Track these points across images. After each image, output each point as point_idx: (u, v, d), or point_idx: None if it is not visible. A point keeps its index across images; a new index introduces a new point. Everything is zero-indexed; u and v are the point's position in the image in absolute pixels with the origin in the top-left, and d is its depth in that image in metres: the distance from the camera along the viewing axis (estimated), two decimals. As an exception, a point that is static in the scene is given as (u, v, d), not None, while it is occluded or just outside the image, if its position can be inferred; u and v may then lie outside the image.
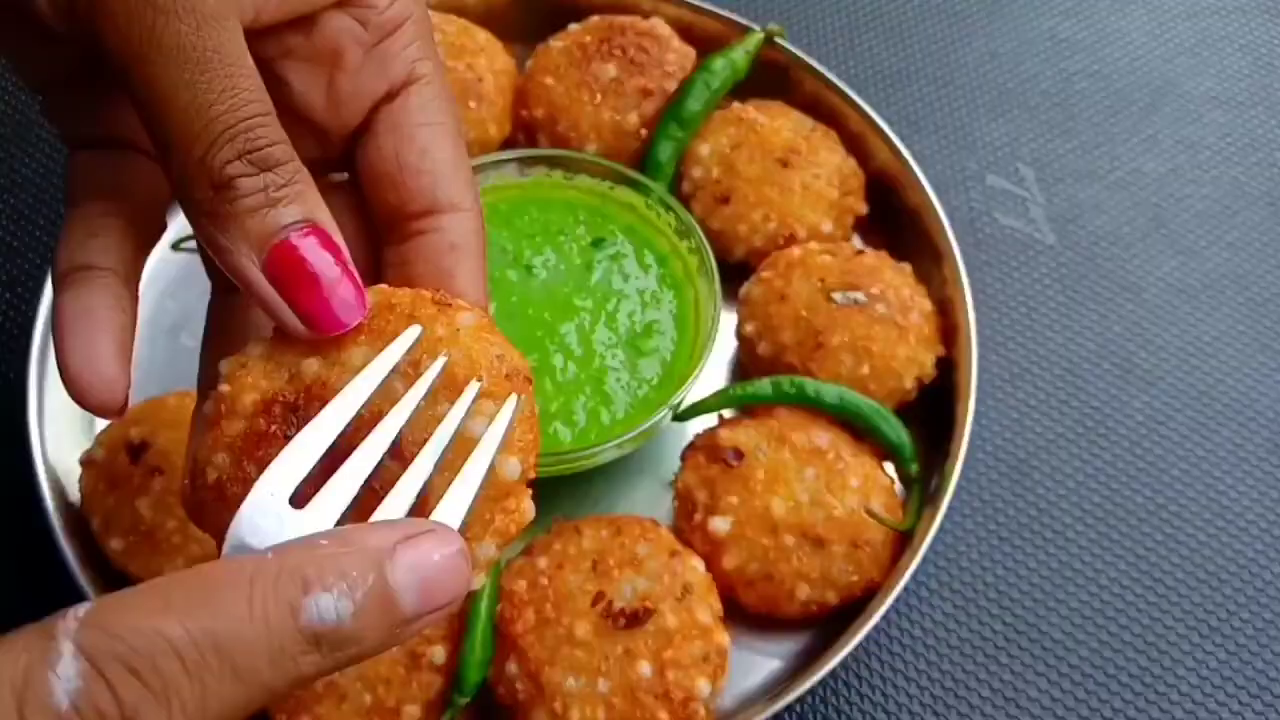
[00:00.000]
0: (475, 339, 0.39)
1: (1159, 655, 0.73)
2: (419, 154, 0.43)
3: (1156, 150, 0.98)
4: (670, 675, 0.64)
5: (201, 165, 0.36)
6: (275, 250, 0.37)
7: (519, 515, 0.38)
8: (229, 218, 0.37)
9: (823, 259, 0.79)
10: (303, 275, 0.37)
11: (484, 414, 0.38)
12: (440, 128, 0.44)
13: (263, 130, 0.37)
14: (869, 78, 1.01)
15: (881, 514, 0.70)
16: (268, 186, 0.37)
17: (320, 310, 0.38)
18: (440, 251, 0.43)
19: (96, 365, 0.40)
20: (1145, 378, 0.85)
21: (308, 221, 0.38)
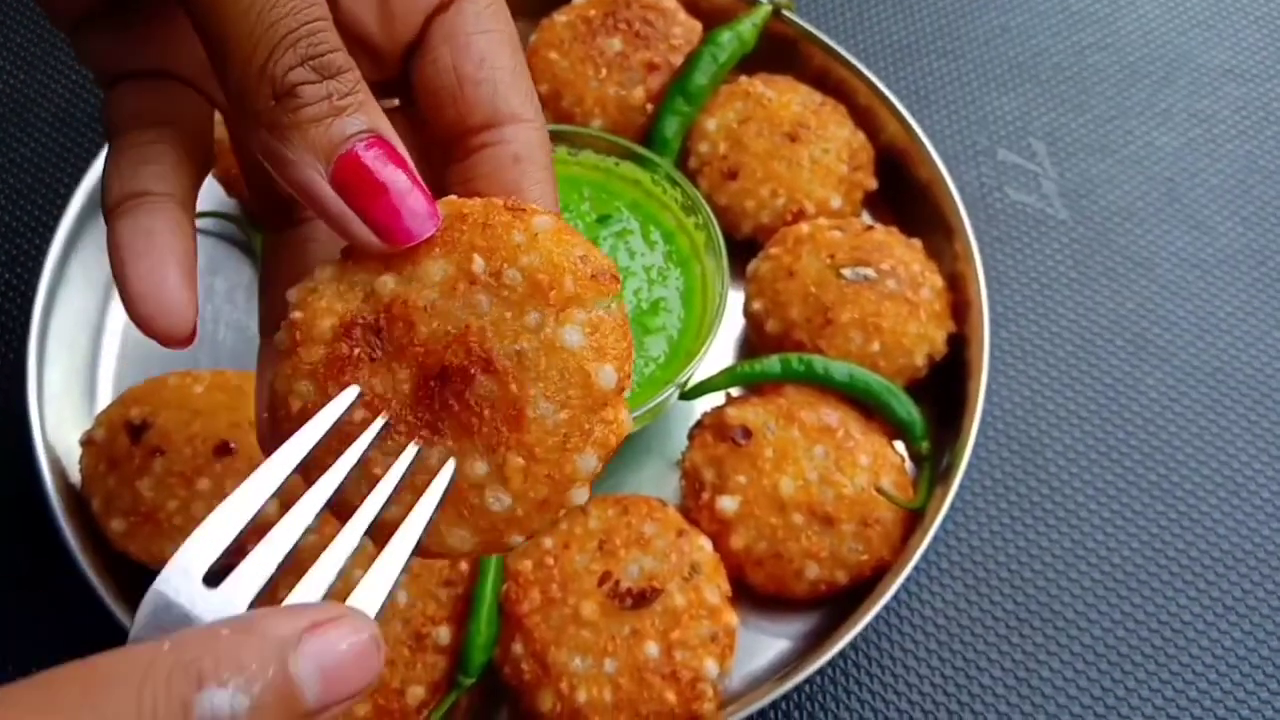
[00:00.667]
0: (556, 241, 0.37)
1: (1173, 634, 0.73)
2: (476, 63, 0.41)
3: (1170, 124, 0.96)
4: (678, 655, 0.63)
5: (262, 73, 0.35)
6: (343, 160, 0.36)
7: (618, 425, 0.37)
8: (292, 128, 0.35)
9: (832, 235, 0.78)
10: (373, 185, 0.36)
11: (574, 322, 0.36)
12: (497, 35, 0.42)
13: (325, 35, 0.35)
14: (878, 51, 1.00)
15: (892, 492, 0.69)
16: (331, 95, 0.35)
17: (393, 220, 0.36)
18: (504, 165, 0.41)
19: (161, 289, 0.38)
20: (1159, 354, 0.84)
21: (372, 131, 0.36)
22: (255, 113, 0.35)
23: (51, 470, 0.70)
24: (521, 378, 0.36)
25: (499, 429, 0.36)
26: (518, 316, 0.37)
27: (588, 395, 0.36)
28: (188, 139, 0.42)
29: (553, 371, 0.36)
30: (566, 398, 0.36)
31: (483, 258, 0.37)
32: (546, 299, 0.36)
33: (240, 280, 0.83)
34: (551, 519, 0.37)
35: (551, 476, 0.36)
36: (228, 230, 0.85)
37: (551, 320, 0.36)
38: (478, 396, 0.36)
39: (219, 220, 0.85)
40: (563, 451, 0.36)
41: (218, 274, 0.84)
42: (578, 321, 0.36)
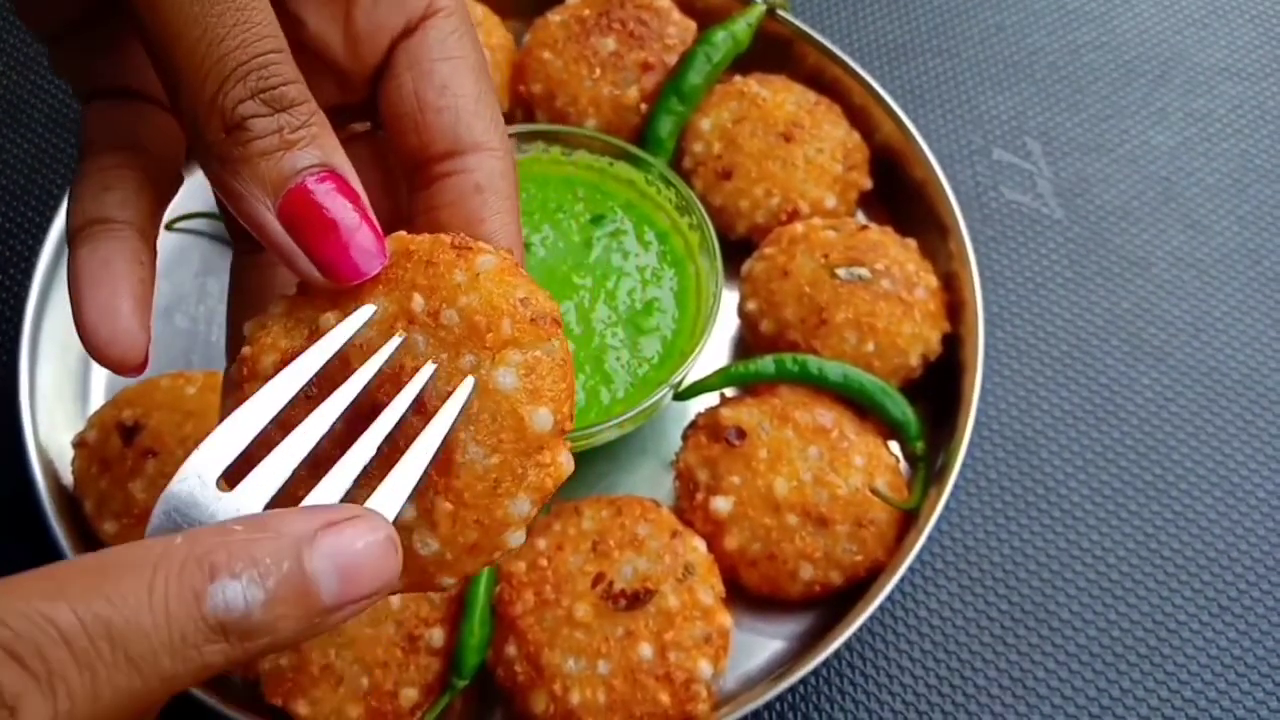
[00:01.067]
0: (497, 282, 0.37)
1: (1168, 634, 0.72)
2: (438, 90, 0.41)
3: (1166, 123, 0.96)
4: (672, 657, 0.63)
5: (212, 105, 0.34)
6: (290, 195, 0.35)
7: (554, 469, 0.36)
8: (242, 161, 0.35)
9: (826, 234, 0.77)
10: (320, 221, 0.36)
11: (509, 364, 0.36)
12: (460, 62, 0.42)
13: (276, 68, 0.35)
14: (872, 51, 1.00)
15: (886, 493, 0.69)
16: (282, 128, 0.35)
17: (338, 258, 0.36)
18: (466, 194, 0.41)
19: (115, 319, 0.38)
20: (1154, 354, 0.84)
21: (324, 165, 0.36)
22: (207, 144, 0.35)
23: (44, 472, 0.69)
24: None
25: (427, 473, 0.36)
26: (453, 359, 0.36)
27: (521, 439, 0.36)
28: (154, 163, 0.42)
29: (484, 415, 0.36)
30: (498, 441, 0.36)
31: (423, 296, 0.37)
32: (483, 341, 0.36)
33: (234, 281, 0.83)
34: (485, 561, 0.37)
35: (481, 522, 0.36)
36: (221, 231, 0.85)
37: (487, 363, 0.36)
38: (407, 438, 0.35)
39: (212, 221, 0.85)
40: (493, 497, 0.36)
41: (210, 274, 0.84)
42: (512, 364, 0.36)
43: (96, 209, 0.40)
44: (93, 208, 0.40)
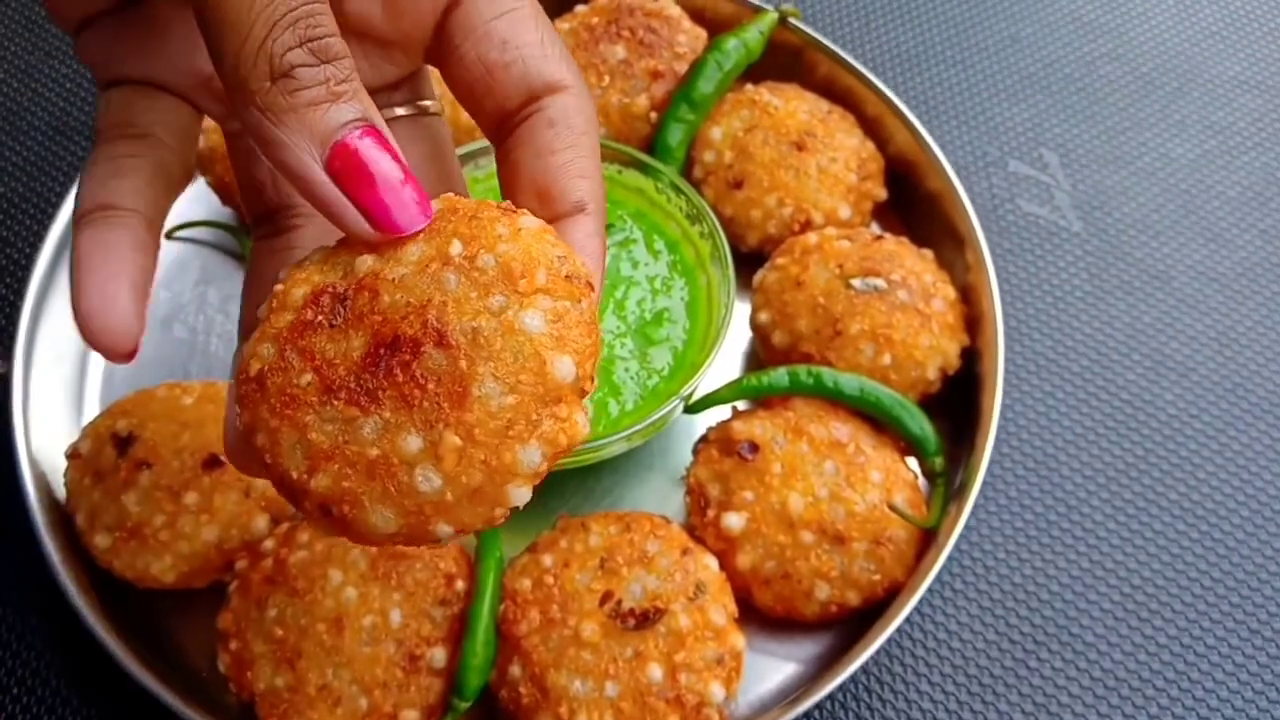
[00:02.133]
0: (537, 239, 0.36)
1: (1196, 658, 0.70)
2: (500, 47, 0.41)
3: (1185, 135, 0.94)
4: (682, 679, 0.60)
5: (260, 51, 0.34)
6: (338, 147, 0.35)
7: (570, 426, 0.35)
8: (288, 110, 0.34)
9: (840, 244, 0.75)
10: (367, 173, 0.35)
11: (537, 307, 0.35)
12: (516, 13, 0.41)
13: (323, 19, 0.35)
14: (885, 61, 0.98)
15: (905, 510, 0.66)
16: (329, 79, 0.35)
17: (387, 209, 0.36)
18: (539, 129, 0.40)
19: (112, 305, 0.38)
20: (1177, 369, 0.81)
21: (366, 120, 0.36)
22: (250, 93, 0.35)
23: (35, 484, 0.67)
24: (473, 355, 0.34)
25: (440, 405, 0.34)
26: (482, 297, 0.35)
27: (540, 383, 0.34)
28: (167, 155, 0.42)
29: (506, 353, 0.34)
30: (517, 381, 0.34)
31: (462, 243, 0.36)
32: (515, 285, 0.35)
33: (233, 291, 0.81)
34: (485, 516, 0.35)
35: (488, 463, 0.34)
36: (222, 240, 0.83)
37: (515, 304, 0.35)
38: (425, 369, 0.34)
39: (214, 230, 0.83)
40: (504, 438, 0.34)
41: (210, 284, 0.82)
42: (541, 308, 0.35)
43: (105, 195, 0.40)
44: (101, 193, 0.40)
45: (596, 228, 0.40)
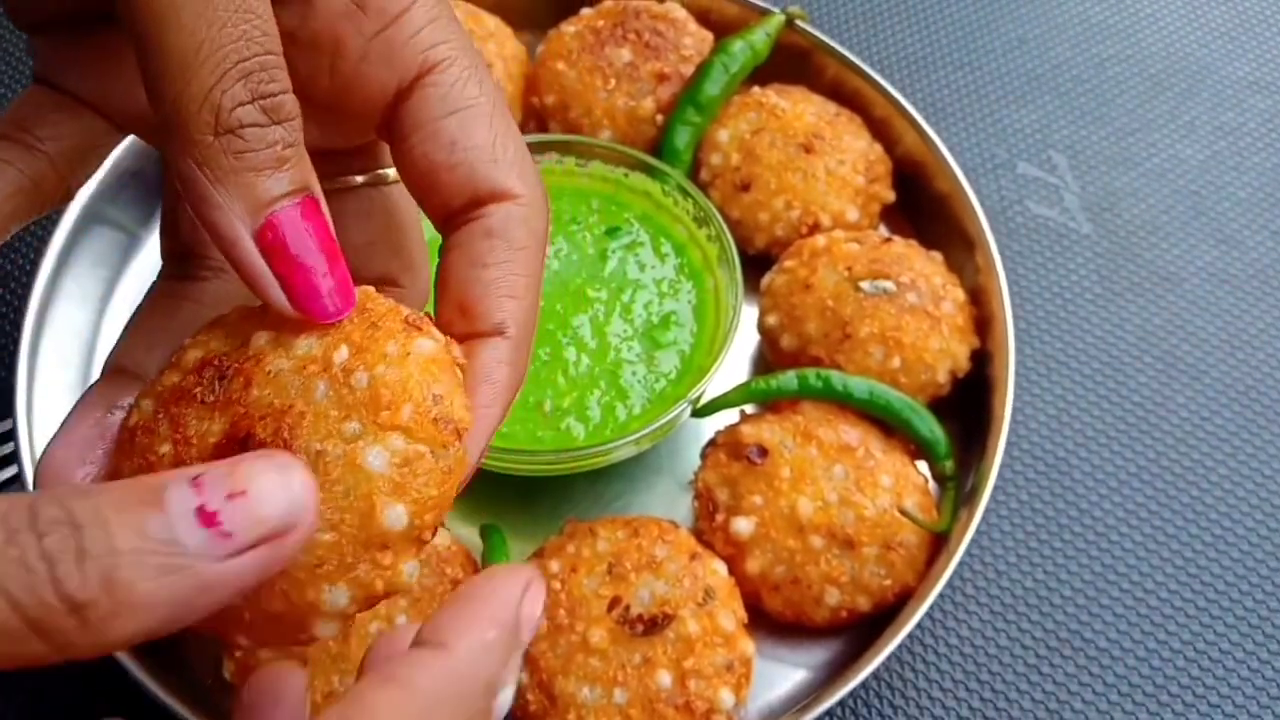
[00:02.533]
0: (422, 368, 0.34)
1: (1211, 664, 0.69)
2: (447, 148, 0.37)
3: (1194, 136, 0.94)
4: (691, 685, 0.60)
5: (206, 100, 0.30)
6: (273, 219, 0.32)
7: (392, 575, 0.33)
8: (230, 173, 0.31)
9: (849, 247, 0.75)
10: (298, 251, 0.32)
11: (385, 446, 0.32)
12: (468, 112, 0.38)
13: (279, 72, 0.32)
14: (893, 63, 0.98)
15: (916, 514, 0.66)
16: (277, 143, 0.32)
17: (311, 293, 0.33)
18: (474, 237, 0.37)
19: None
20: (1189, 371, 0.81)
21: (306, 191, 0.33)
22: (189, 143, 0.31)
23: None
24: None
25: None
26: (341, 419, 0.33)
27: (364, 529, 0.32)
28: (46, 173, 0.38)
29: (340, 487, 0.32)
30: (340, 520, 0.32)
31: (349, 350, 0.34)
32: (376, 415, 0.33)
33: (238, 296, 0.81)
34: (290, 640, 0.33)
35: (288, 594, 0.32)
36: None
37: (368, 436, 0.33)
38: None
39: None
40: (310, 572, 0.32)
41: (215, 289, 0.81)
42: (390, 447, 0.33)
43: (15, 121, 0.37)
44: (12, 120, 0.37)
45: (511, 355, 0.37)
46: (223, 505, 0.27)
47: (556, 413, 0.69)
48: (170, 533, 0.27)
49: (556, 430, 0.68)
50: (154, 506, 0.27)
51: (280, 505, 0.28)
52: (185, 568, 0.27)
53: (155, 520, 0.27)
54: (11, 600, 0.25)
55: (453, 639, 0.32)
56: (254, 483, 0.28)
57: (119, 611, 0.26)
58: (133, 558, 0.26)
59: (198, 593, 0.27)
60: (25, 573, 0.25)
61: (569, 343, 0.71)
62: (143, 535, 0.26)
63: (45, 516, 0.26)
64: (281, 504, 0.28)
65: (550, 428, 0.68)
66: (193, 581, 0.27)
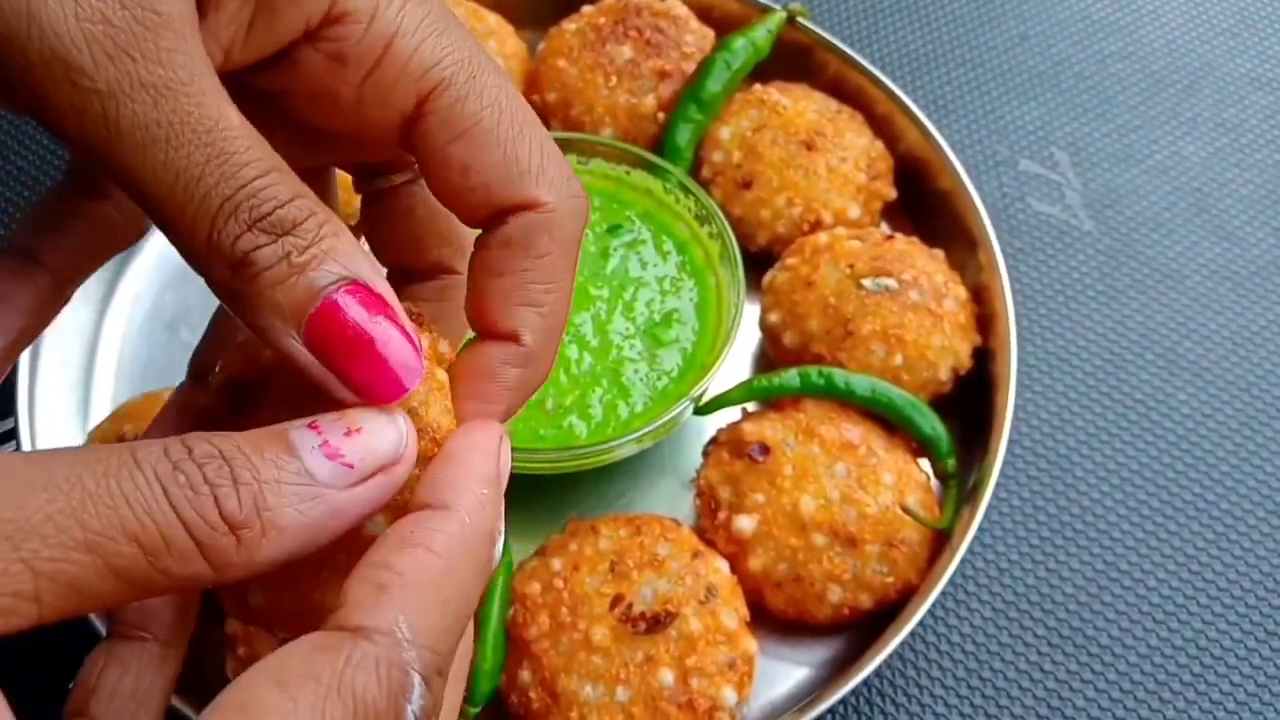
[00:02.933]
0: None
1: (1213, 661, 0.69)
2: (460, 174, 0.37)
3: (1197, 133, 0.94)
4: (694, 683, 0.60)
5: (211, 247, 0.31)
6: (312, 320, 0.32)
7: None
8: (254, 295, 0.32)
9: (851, 244, 0.75)
10: (348, 341, 0.32)
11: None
12: (473, 132, 0.37)
13: (268, 192, 0.32)
14: (894, 60, 0.97)
15: (918, 511, 0.66)
16: (289, 253, 0.32)
17: (373, 378, 0.33)
18: (491, 246, 0.37)
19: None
20: (1191, 368, 0.81)
21: (345, 278, 0.32)
22: (215, 282, 0.32)
23: (41, 489, 0.67)
24: None
25: None
26: None
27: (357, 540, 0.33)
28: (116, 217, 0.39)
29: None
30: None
31: None
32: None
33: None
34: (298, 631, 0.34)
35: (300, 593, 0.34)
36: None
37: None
38: None
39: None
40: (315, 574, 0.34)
41: (217, 287, 0.81)
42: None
43: (30, 240, 0.36)
44: (26, 237, 0.37)
45: (523, 360, 0.37)
46: (343, 442, 0.31)
47: (558, 411, 0.69)
48: (302, 466, 0.30)
49: (558, 428, 0.68)
50: (283, 447, 0.31)
51: (391, 438, 0.32)
52: (319, 495, 0.30)
53: (287, 458, 0.30)
54: (185, 520, 0.28)
55: (454, 498, 0.33)
56: (366, 423, 0.32)
57: (267, 534, 0.29)
58: (276, 487, 0.30)
59: (330, 517, 0.31)
60: (195, 495, 0.28)
61: (571, 340, 0.71)
62: (280, 468, 0.30)
63: (199, 451, 0.29)
64: (392, 437, 0.32)
65: (552, 425, 0.68)
66: (326, 507, 0.31)
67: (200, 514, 0.28)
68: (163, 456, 0.28)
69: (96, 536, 0.27)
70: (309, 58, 0.36)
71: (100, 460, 0.28)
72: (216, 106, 0.31)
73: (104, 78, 0.30)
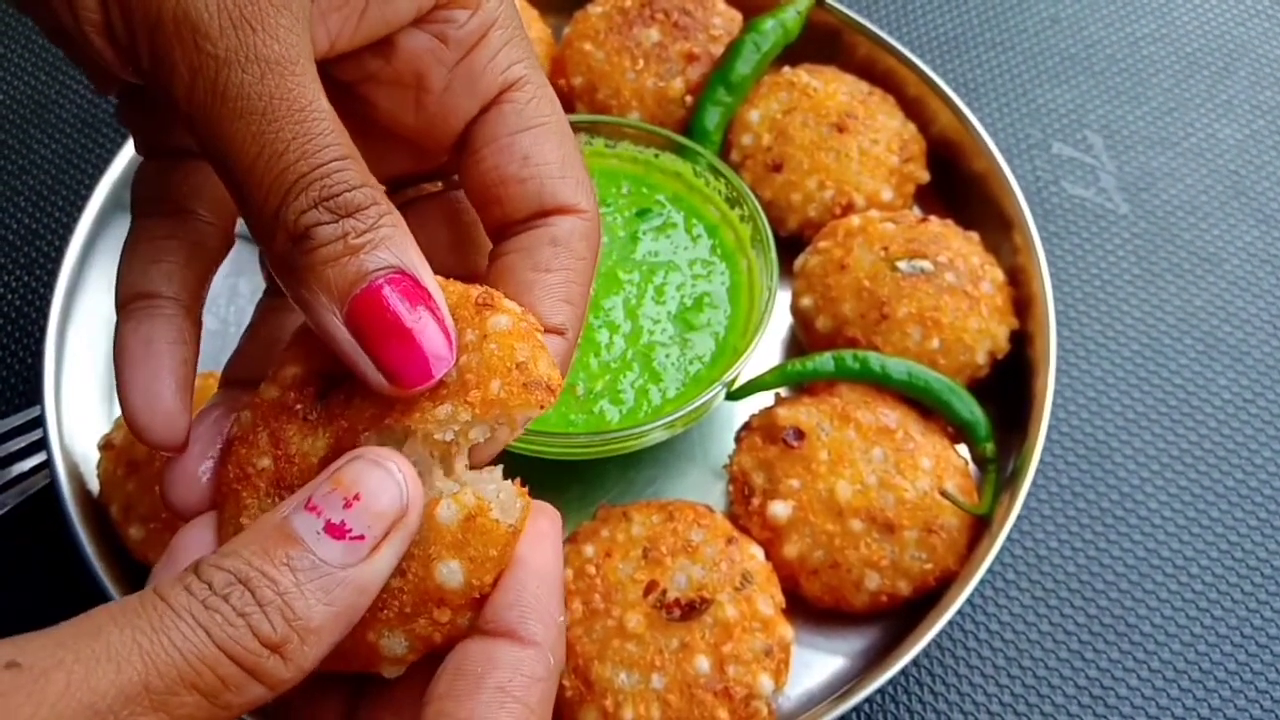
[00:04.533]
0: (502, 344, 0.36)
1: (1258, 649, 0.68)
2: (520, 162, 0.40)
3: (1232, 115, 0.92)
4: (730, 670, 0.59)
5: (276, 218, 0.34)
6: (355, 301, 0.34)
7: (448, 628, 0.34)
8: (307, 269, 0.34)
9: (885, 227, 0.74)
10: (385, 327, 0.34)
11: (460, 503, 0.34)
12: (541, 130, 0.41)
13: (341, 175, 0.34)
14: (924, 43, 0.96)
15: (958, 496, 0.64)
16: (347, 233, 0.34)
17: (404, 365, 0.35)
18: (539, 243, 0.40)
19: (156, 402, 0.39)
20: (1230, 352, 0.79)
21: (394, 267, 0.35)
22: (273, 255, 0.35)
23: (69, 475, 0.66)
24: None
25: None
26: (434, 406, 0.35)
27: (423, 583, 0.34)
28: (205, 230, 0.42)
29: (418, 535, 0.34)
30: (406, 567, 0.34)
31: None
32: (466, 396, 0.35)
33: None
34: (358, 668, 0.35)
35: (354, 632, 0.33)
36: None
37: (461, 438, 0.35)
38: None
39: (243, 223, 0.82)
40: (374, 615, 0.34)
41: (241, 275, 0.80)
42: (463, 503, 0.34)
43: (144, 282, 0.40)
44: (140, 281, 0.40)
45: (566, 354, 0.40)
46: (345, 516, 0.32)
47: (590, 396, 0.68)
48: (313, 558, 0.31)
49: (589, 413, 0.67)
50: (291, 542, 0.31)
51: (393, 495, 0.33)
52: (341, 580, 0.31)
53: (297, 552, 0.31)
54: (230, 653, 0.29)
55: (540, 632, 0.34)
56: (363, 485, 0.33)
57: (306, 639, 0.31)
58: (297, 592, 0.31)
59: (357, 594, 0.32)
60: (231, 628, 0.29)
61: (601, 325, 0.70)
62: (295, 569, 0.31)
63: (219, 581, 0.30)
64: (393, 494, 0.33)
65: (583, 411, 0.67)
66: (351, 588, 0.32)
67: (242, 645, 0.29)
68: (191, 598, 0.30)
69: (162, 696, 0.28)
70: (411, 40, 0.39)
71: (139, 615, 0.29)
72: (312, 89, 0.34)
73: (225, 45, 0.33)
